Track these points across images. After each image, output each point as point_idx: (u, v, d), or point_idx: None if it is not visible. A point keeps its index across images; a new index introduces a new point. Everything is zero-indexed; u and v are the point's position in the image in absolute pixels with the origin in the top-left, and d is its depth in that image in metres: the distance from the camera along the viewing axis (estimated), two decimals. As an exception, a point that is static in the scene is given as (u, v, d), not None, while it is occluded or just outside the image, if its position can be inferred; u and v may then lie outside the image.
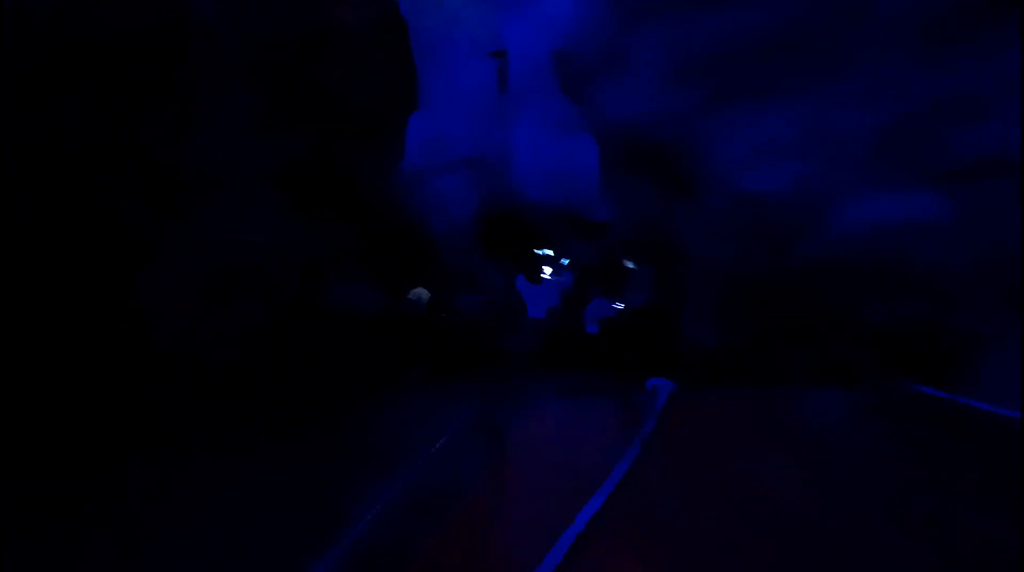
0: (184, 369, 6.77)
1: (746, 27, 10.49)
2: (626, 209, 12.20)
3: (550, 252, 12.51)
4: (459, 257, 12.15)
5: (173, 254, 7.37)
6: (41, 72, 6.16)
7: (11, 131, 5.96)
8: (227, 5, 8.31)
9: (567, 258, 12.49)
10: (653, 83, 11.18)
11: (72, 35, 6.51)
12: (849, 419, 6.97)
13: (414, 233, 11.29)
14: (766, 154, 10.48)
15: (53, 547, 4.62)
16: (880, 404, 7.60)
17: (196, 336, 7.25)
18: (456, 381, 8.46)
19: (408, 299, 11.20)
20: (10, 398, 5.66)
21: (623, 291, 11.82)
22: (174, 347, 6.94)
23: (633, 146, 11.80)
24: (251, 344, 7.63)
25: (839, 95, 10.08)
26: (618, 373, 8.91)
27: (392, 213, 10.87)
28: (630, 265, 11.90)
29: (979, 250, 9.05)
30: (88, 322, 6.42)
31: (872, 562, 4.13)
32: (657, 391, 7.78)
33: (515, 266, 12.33)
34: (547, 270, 12.33)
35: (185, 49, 7.81)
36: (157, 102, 7.48)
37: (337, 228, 9.52)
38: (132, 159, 7.14)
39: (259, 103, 8.57)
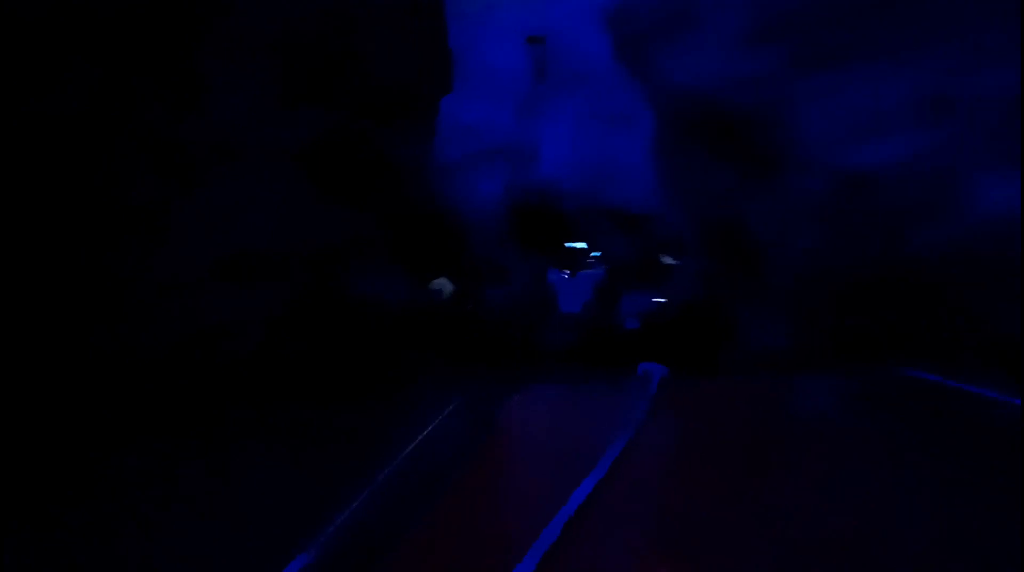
0: (195, 359, 6.70)
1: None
2: (685, 193, 11.44)
3: (583, 245, 12.27)
4: (489, 248, 11.87)
5: (183, 237, 7.11)
6: (41, 42, 5.89)
7: (7, 106, 5.75)
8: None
9: (598, 251, 12.22)
10: (728, 43, 10.01)
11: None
12: (846, 406, 6.84)
13: (443, 222, 10.79)
14: (873, 125, 9.04)
15: (59, 540, 4.67)
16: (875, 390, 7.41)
17: (207, 324, 7.07)
18: (478, 372, 8.25)
19: (430, 289, 10.76)
20: (9, 386, 5.61)
21: (661, 285, 11.44)
22: (184, 335, 6.82)
23: (701, 118, 10.69)
24: (265, 333, 7.47)
25: (967, 54, 8.58)
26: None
27: (421, 200, 10.18)
28: (669, 260, 11.58)
29: None
30: (93, 309, 6.29)
31: (872, 554, 4.01)
32: (649, 376, 7.79)
33: (546, 259, 12.10)
34: (579, 263, 12.04)
35: (196, 16, 7.36)
36: (166, 74, 7.10)
37: (361, 213, 8.99)
38: (138, 135, 6.86)
39: (279, 77, 8.11)
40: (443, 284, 11.06)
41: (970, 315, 8.30)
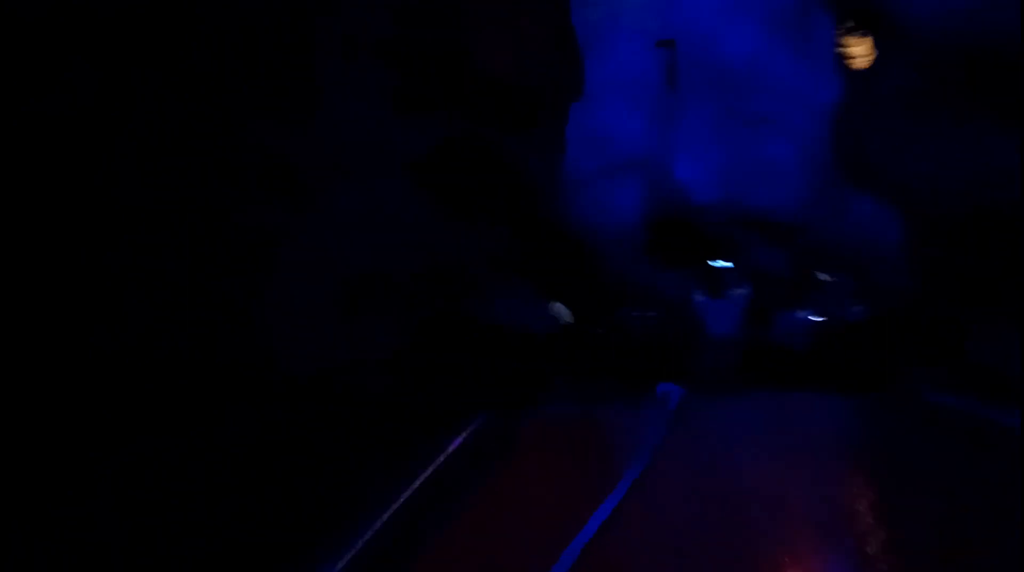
0: (309, 396, 6.52)
1: None
2: (925, 175, 9.45)
3: (728, 263, 11.82)
4: (625, 267, 11.60)
5: (293, 262, 6.97)
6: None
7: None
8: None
9: (735, 265, 11.82)
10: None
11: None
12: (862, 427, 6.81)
13: (575, 239, 10.63)
14: None
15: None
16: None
17: (322, 358, 6.93)
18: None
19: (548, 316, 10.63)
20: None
21: (818, 302, 11.15)
22: (296, 371, 6.65)
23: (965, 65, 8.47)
24: (386, 367, 7.26)
25: None
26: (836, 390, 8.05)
27: (551, 215, 9.87)
28: (825, 277, 11.15)
29: None
30: (199, 346, 6.17)
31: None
32: (667, 397, 7.69)
33: (689, 278, 11.69)
34: (725, 282, 11.57)
35: (303, 20, 7.22)
36: (271, 83, 6.97)
37: (488, 232, 8.64)
38: (243, 151, 6.74)
39: (392, 83, 7.81)
40: (559, 310, 10.85)
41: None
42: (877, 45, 10.67)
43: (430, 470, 5.44)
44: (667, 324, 11.10)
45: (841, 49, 11.44)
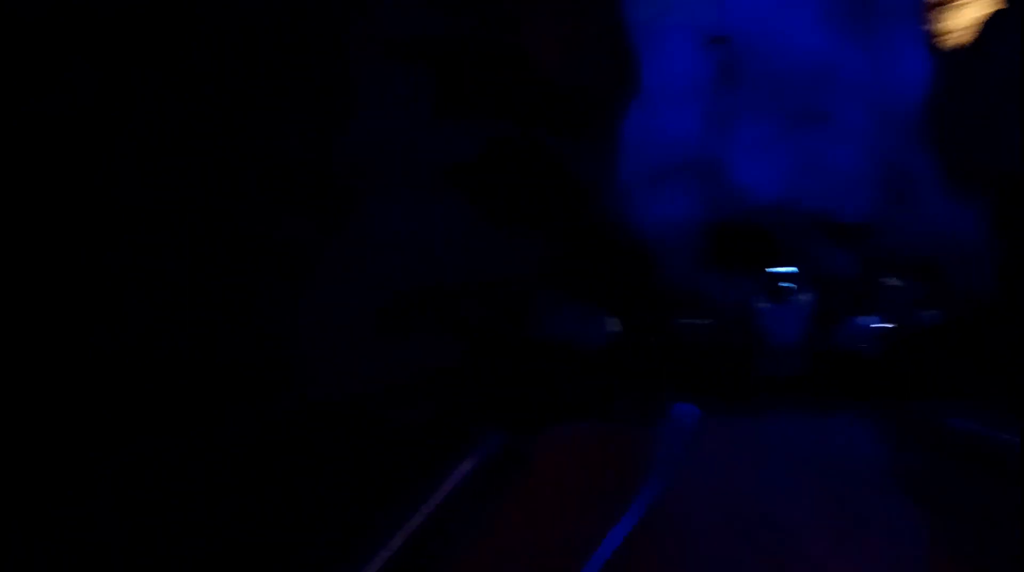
0: (349, 425, 6.27)
1: None
2: None
3: (791, 269, 11.28)
4: (682, 275, 11.06)
5: (329, 276, 6.71)
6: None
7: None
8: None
9: (798, 270, 11.20)
10: None
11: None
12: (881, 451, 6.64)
13: (630, 246, 10.03)
14: None
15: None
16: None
17: (361, 382, 6.67)
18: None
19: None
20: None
21: (885, 308, 10.61)
22: (335, 396, 6.39)
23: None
24: (434, 390, 6.95)
25: None
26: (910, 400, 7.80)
27: (604, 223, 9.41)
28: (894, 281, 10.62)
29: None
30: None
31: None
32: (684, 418, 7.58)
33: (749, 284, 11.16)
34: (788, 288, 11.05)
35: (332, 15, 6.98)
36: (300, 84, 6.75)
37: (537, 241, 8.26)
38: (272, 157, 6.56)
39: (432, 81, 7.43)
40: (611, 323, 10.51)
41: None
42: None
43: (445, 489, 5.46)
44: (725, 333, 10.70)
45: (933, 24, 10.84)
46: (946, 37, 10.61)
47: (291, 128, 6.75)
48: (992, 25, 9.86)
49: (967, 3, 10.34)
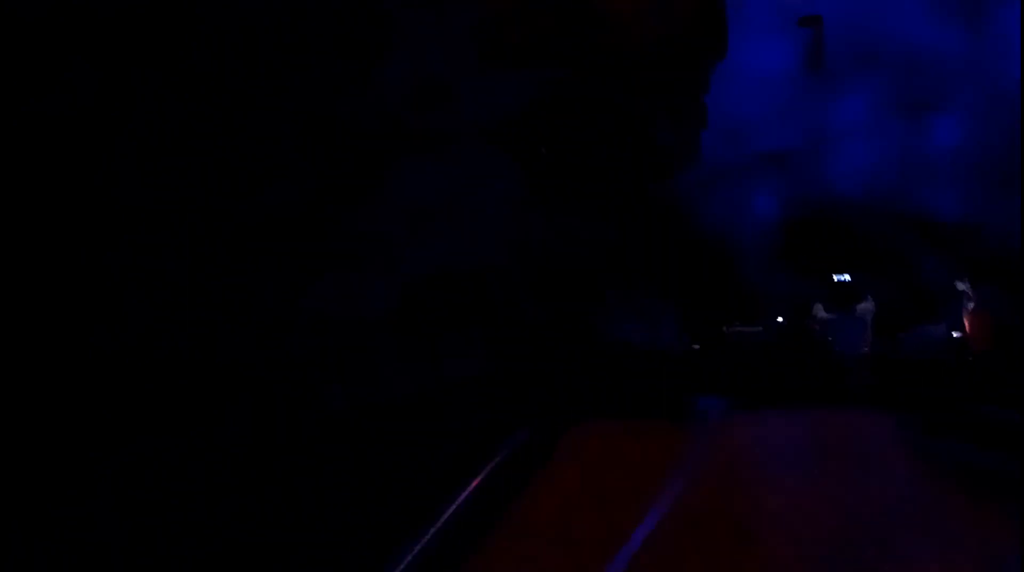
0: (383, 421, 6.04)
1: None
2: None
3: (846, 277, 10.90)
4: (758, 275, 10.44)
5: (344, 256, 6.15)
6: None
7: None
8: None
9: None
10: None
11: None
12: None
13: (705, 241, 9.29)
14: None
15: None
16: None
17: (398, 380, 6.32)
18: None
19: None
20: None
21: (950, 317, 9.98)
22: (366, 396, 6.13)
23: None
24: (472, 392, 6.55)
25: None
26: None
27: (680, 210, 8.58)
28: (965, 286, 9.83)
29: None
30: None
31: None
32: (708, 413, 7.38)
33: (814, 290, 10.60)
34: (851, 296, 10.54)
35: None
36: (320, 25, 6.09)
37: (600, 221, 7.38)
38: (298, 118, 6.07)
39: (481, 23, 6.36)
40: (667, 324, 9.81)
41: None
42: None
43: (473, 485, 5.44)
44: (778, 340, 10.14)
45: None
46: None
47: (321, 80, 6.09)
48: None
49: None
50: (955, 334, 9.73)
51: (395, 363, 6.43)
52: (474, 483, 5.44)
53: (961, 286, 9.80)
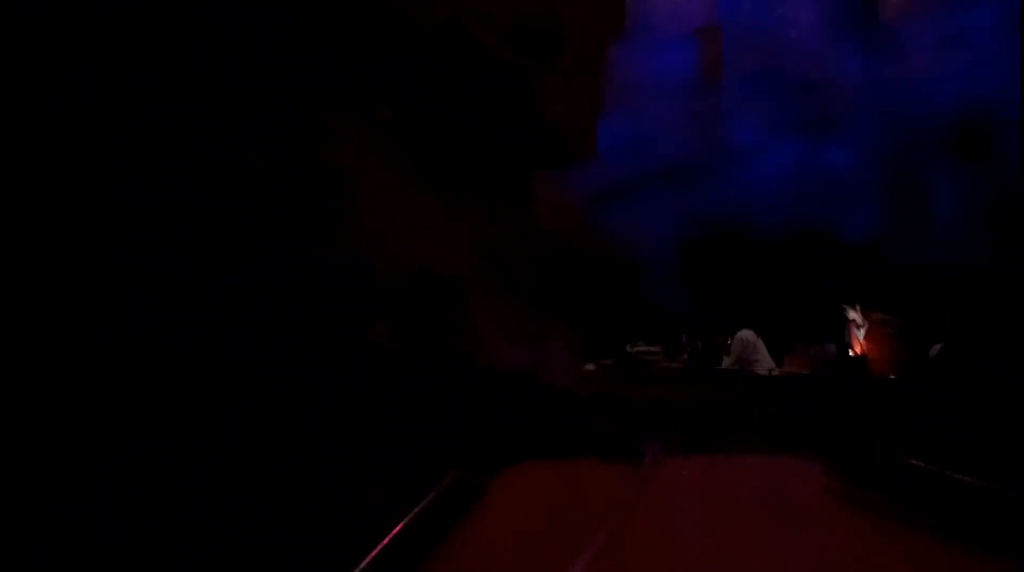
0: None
1: None
2: None
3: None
4: (653, 294, 10.20)
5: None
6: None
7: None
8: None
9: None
10: None
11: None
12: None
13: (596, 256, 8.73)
14: None
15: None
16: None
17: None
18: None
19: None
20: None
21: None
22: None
23: None
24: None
25: None
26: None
27: (573, 232, 8.00)
28: (855, 314, 9.69)
29: None
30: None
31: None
32: (643, 454, 6.97)
33: (714, 307, 10.37)
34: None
35: None
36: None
37: (478, 222, 6.69)
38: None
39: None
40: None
41: None
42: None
43: (396, 529, 5.21)
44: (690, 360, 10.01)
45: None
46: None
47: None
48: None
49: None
50: (851, 354, 9.65)
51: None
52: (397, 528, 5.24)
53: (852, 314, 9.73)
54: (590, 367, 9.74)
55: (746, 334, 10.14)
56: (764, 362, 10.08)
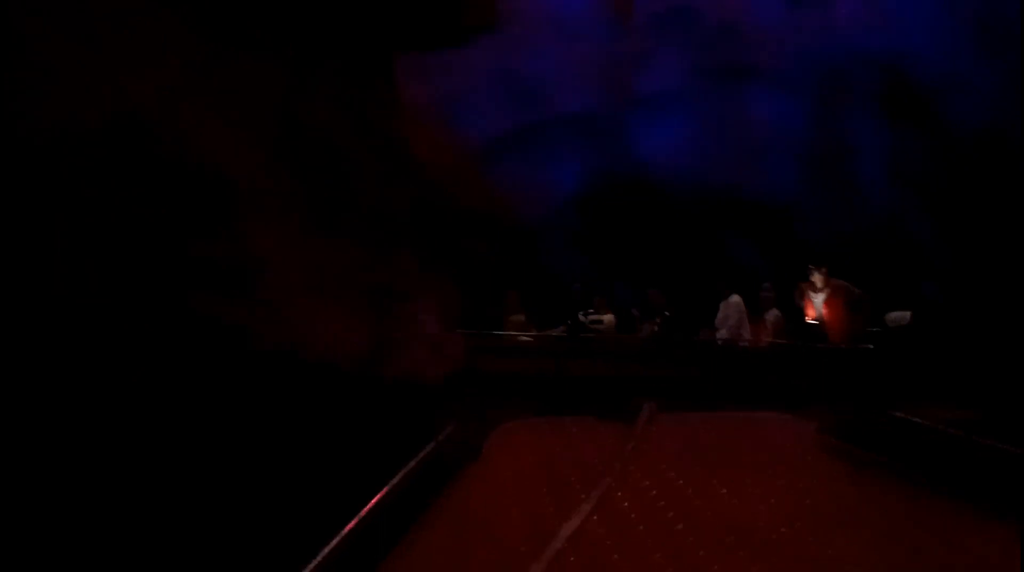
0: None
1: None
2: None
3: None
4: (552, 257, 9.32)
5: None
6: None
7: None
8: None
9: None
10: None
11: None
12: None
13: (487, 215, 7.42)
14: None
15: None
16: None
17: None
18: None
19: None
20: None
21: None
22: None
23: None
24: None
25: None
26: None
27: (459, 190, 6.78)
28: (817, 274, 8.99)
29: None
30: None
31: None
32: (638, 411, 7.06)
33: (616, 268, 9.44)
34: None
35: None
36: None
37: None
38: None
39: None
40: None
41: None
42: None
43: (396, 479, 5.22)
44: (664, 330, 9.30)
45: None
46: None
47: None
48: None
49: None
50: (808, 321, 9.17)
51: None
52: (399, 476, 5.23)
53: (815, 277, 9.12)
54: (525, 339, 9.07)
55: (739, 300, 9.52)
56: (747, 331, 9.55)
